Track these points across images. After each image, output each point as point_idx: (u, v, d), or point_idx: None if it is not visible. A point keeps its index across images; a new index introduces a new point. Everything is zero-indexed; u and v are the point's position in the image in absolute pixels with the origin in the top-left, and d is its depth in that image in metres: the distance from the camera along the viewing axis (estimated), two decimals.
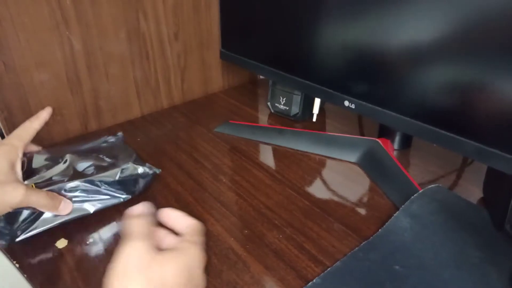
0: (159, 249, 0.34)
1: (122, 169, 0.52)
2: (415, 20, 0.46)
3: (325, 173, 0.62)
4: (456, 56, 0.44)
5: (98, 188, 0.51)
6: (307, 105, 0.75)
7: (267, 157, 0.66)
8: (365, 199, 0.56)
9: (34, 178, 0.50)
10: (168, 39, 0.77)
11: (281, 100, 0.77)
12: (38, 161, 0.54)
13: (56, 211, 0.48)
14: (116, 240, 0.49)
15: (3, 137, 0.65)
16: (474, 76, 0.43)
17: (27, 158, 0.53)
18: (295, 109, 0.75)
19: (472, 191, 0.56)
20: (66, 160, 0.53)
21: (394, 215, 0.50)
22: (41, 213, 0.48)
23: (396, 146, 0.67)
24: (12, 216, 0.47)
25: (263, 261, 0.46)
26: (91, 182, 0.50)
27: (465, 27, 0.42)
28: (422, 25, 0.45)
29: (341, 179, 0.60)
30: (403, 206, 0.50)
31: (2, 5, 0.58)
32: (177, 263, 0.32)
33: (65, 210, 0.49)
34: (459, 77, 0.44)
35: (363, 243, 0.47)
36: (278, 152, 0.67)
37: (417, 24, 0.46)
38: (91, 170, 0.52)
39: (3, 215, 0.46)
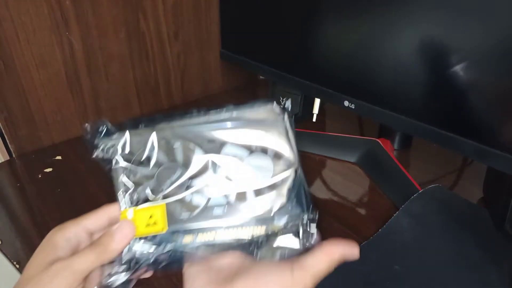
0: None
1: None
2: (414, 20, 0.46)
3: (325, 173, 0.62)
4: (456, 56, 0.44)
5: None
6: (307, 105, 0.74)
7: None
8: (365, 199, 0.56)
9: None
10: (168, 39, 0.77)
11: (281, 100, 0.77)
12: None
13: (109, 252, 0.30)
14: None
15: (3, 137, 0.65)
16: (474, 76, 0.43)
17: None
18: (295, 109, 0.75)
19: (472, 191, 0.56)
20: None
21: (394, 215, 0.49)
22: None
23: (396, 146, 0.67)
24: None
25: None
26: None
27: (465, 27, 0.42)
28: (421, 25, 0.45)
29: (341, 179, 0.60)
30: (403, 206, 0.50)
31: (2, 5, 0.58)
32: None
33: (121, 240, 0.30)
34: (459, 77, 0.44)
35: (363, 243, 0.47)
36: None
37: (416, 24, 0.46)
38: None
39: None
